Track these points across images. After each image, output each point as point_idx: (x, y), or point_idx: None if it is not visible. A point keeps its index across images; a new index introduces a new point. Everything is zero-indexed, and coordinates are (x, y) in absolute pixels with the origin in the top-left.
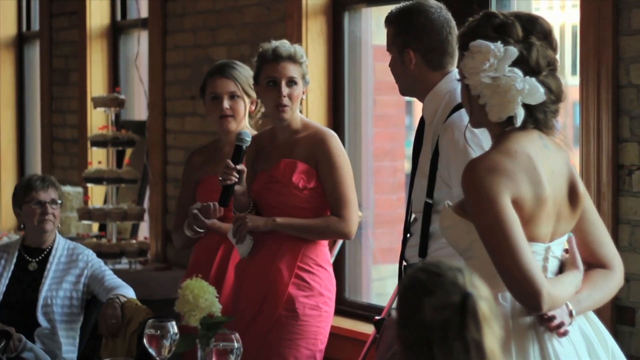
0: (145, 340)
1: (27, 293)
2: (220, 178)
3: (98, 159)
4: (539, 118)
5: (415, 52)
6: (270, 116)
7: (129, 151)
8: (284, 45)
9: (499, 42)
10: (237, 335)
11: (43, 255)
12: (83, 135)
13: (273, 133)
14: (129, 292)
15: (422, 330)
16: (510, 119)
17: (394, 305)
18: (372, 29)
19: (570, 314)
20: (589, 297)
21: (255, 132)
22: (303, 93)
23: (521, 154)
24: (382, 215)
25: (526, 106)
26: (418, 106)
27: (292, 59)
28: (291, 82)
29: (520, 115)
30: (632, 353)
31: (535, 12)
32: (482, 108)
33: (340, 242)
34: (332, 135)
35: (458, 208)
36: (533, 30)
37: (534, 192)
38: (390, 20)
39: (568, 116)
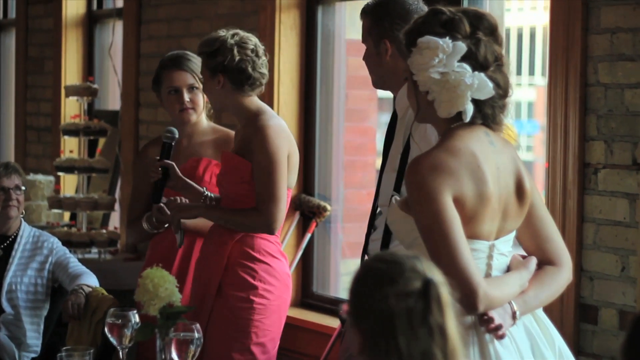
0: (106, 329)
1: None
2: (150, 175)
3: (70, 148)
4: (487, 113)
5: (392, 42)
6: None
7: (101, 141)
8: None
9: (447, 37)
10: (197, 325)
11: (8, 242)
12: (56, 124)
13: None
14: (92, 280)
15: (385, 319)
16: (458, 115)
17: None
18: (345, 23)
19: (514, 315)
20: (535, 296)
21: (211, 123)
22: (219, 83)
23: (465, 151)
24: (351, 209)
25: (474, 102)
26: (385, 102)
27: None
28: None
29: (469, 110)
30: (595, 352)
31: (506, 13)
32: (430, 104)
33: (308, 235)
34: (269, 126)
35: (403, 204)
36: (480, 26)
37: (477, 190)
38: (366, 12)
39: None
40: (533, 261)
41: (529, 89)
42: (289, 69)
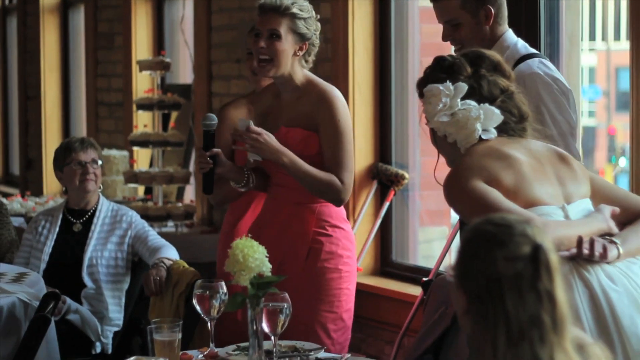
0: (194, 301)
1: (72, 254)
2: (199, 167)
3: (143, 122)
4: (509, 134)
5: (493, 6)
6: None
7: (174, 114)
8: None
9: (448, 81)
10: (286, 295)
11: (87, 216)
12: (128, 98)
13: (276, 91)
14: (172, 253)
15: (493, 281)
16: None
17: (443, 265)
18: None
19: (612, 242)
20: (635, 233)
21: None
22: (300, 49)
23: (480, 147)
24: (428, 177)
25: (497, 128)
26: None
27: (275, 10)
28: (272, 32)
29: (492, 133)
30: None
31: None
32: (453, 145)
33: (386, 204)
34: (334, 96)
35: None
36: (482, 64)
37: (506, 163)
38: None
39: (611, 81)
40: (606, 207)
41: (589, 54)
42: (363, 37)
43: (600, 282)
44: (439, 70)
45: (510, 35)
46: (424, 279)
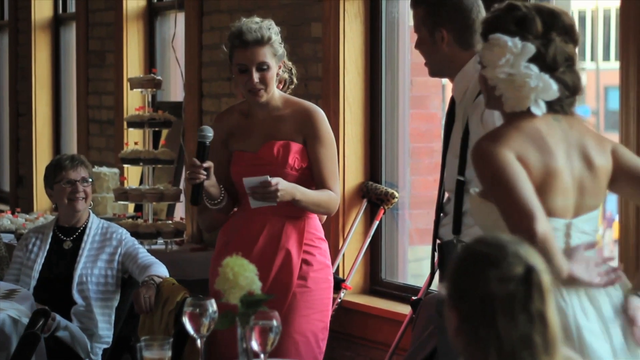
0: (184, 318)
1: (62, 271)
2: (188, 178)
3: (134, 140)
4: (555, 110)
5: (448, 31)
6: (245, 98)
7: (165, 132)
8: (250, 29)
9: (518, 37)
10: (276, 313)
11: (77, 234)
12: (119, 116)
13: (246, 110)
14: (162, 270)
15: (485, 302)
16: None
17: (434, 284)
18: (409, 10)
19: (606, 260)
20: None
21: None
22: (279, 68)
23: (525, 124)
24: (418, 196)
25: None
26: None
27: (260, 42)
28: (261, 66)
29: (542, 109)
30: None
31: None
32: (498, 98)
33: (376, 222)
34: (319, 111)
35: (481, 192)
36: (554, 26)
37: (543, 160)
38: (418, 1)
39: (600, 101)
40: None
41: None
42: (354, 56)
43: (575, 317)
44: (510, 21)
45: (475, 63)
46: (413, 297)
